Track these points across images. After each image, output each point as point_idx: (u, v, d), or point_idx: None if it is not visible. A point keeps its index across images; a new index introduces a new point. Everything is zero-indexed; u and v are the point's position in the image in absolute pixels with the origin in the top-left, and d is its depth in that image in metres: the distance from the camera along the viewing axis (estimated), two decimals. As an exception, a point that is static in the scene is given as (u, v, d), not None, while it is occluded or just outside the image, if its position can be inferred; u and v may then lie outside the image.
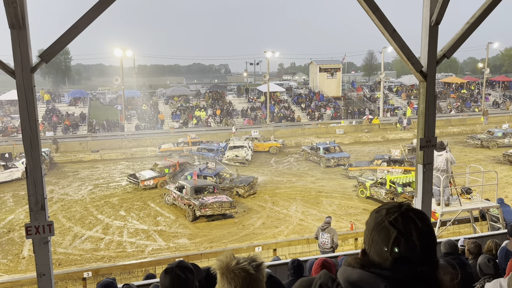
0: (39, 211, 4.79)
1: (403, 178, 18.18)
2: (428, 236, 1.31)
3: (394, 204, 1.37)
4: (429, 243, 1.30)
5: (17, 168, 23.78)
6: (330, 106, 44.02)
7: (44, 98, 40.05)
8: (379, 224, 1.32)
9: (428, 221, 1.34)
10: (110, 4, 4.84)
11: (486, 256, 4.67)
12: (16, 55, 4.57)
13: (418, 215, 1.32)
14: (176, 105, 42.00)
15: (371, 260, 1.33)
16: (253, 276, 1.71)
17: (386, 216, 1.32)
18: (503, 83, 52.82)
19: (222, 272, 1.73)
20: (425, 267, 1.28)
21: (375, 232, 1.33)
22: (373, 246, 1.33)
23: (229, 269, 1.72)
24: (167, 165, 22.69)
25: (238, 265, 1.73)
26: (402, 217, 1.31)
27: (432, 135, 5.87)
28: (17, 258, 13.85)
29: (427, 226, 1.31)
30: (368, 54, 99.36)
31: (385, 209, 1.35)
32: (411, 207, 1.36)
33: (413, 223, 1.30)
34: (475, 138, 30.65)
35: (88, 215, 17.91)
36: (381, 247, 1.30)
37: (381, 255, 1.31)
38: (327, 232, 10.88)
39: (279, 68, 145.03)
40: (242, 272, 1.71)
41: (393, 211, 1.33)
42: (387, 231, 1.30)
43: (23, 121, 4.70)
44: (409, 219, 1.30)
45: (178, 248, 14.45)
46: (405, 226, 1.29)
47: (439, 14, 5.43)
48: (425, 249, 1.29)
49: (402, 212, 1.32)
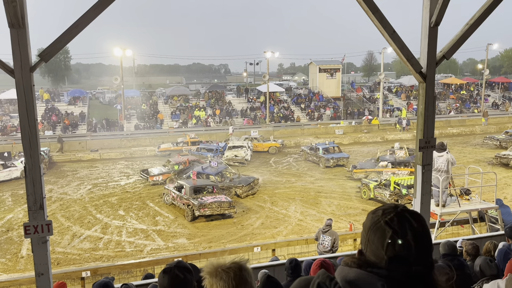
0: (37, 210, 4.78)
1: (408, 180, 17.91)
2: (423, 237, 1.32)
3: (390, 205, 1.40)
4: (424, 243, 1.32)
5: (16, 167, 23.77)
6: (329, 106, 44.04)
7: (43, 97, 40.01)
8: (375, 224, 1.35)
9: (424, 222, 1.35)
10: (111, 3, 4.83)
11: (486, 258, 4.68)
12: (15, 54, 4.56)
13: (414, 216, 1.35)
14: (176, 105, 41.98)
15: (368, 259, 1.35)
16: (240, 273, 1.79)
17: (382, 217, 1.35)
18: (503, 84, 52.85)
19: (211, 274, 1.80)
20: (420, 267, 1.30)
21: (371, 232, 1.35)
22: (369, 246, 1.35)
23: (217, 269, 1.79)
24: (179, 162, 23.06)
25: (225, 264, 1.81)
26: (397, 217, 1.33)
27: (432, 136, 5.87)
28: (16, 257, 13.84)
29: (422, 227, 1.33)
30: (368, 54, 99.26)
31: (382, 210, 1.38)
32: (407, 208, 1.38)
33: (408, 223, 1.32)
34: (493, 139, 30.41)
35: (87, 215, 17.90)
36: (377, 246, 1.33)
37: (376, 255, 1.33)
38: (328, 235, 10.83)
39: (278, 68, 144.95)
40: (229, 270, 1.78)
41: (389, 212, 1.35)
42: (383, 231, 1.32)
43: (22, 120, 4.69)
44: (404, 220, 1.33)
45: (177, 248, 14.45)
46: (400, 226, 1.31)
47: (438, 15, 5.43)
48: (420, 249, 1.30)
49: (398, 212, 1.34)
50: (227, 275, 1.78)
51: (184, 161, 23.25)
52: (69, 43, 4.92)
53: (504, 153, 24.77)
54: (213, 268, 1.81)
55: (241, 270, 1.81)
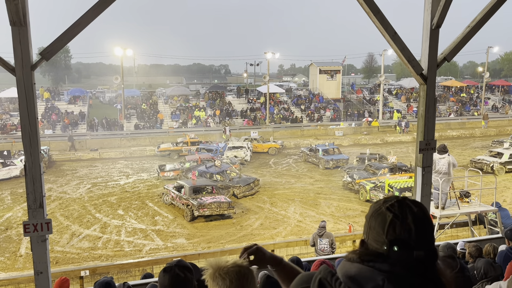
0: (37, 209, 4.78)
1: (402, 183, 18.04)
2: (423, 221, 1.34)
3: (392, 195, 1.45)
4: (425, 227, 1.33)
5: (16, 166, 23.75)
6: (329, 108, 44.06)
7: (43, 96, 39.99)
8: (377, 211, 1.38)
9: (425, 209, 1.37)
10: (112, 3, 4.84)
11: (488, 260, 4.68)
12: (16, 52, 4.56)
13: (415, 203, 1.38)
14: (176, 105, 41.98)
15: (370, 249, 1.36)
16: (243, 272, 1.77)
17: (383, 204, 1.38)
18: (503, 87, 52.89)
19: (213, 272, 1.78)
20: (421, 252, 1.30)
21: (373, 219, 1.37)
22: (370, 233, 1.37)
23: (220, 268, 1.77)
24: (192, 159, 23.90)
25: (228, 263, 1.79)
26: (398, 203, 1.36)
27: (432, 138, 5.87)
28: (14, 256, 13.82)
29: (422, 212, 1.35)
30: (368, 56, 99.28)
31: (383, 199, 1.41)
32: (409, 198, 1.41)
33: (408, 208, 1.34)
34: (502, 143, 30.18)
35: (86, 214, 17.88)
36: (377, 232, 1.34)
37: (377, 240, 1.34)
38: (325, 238, 10.79)
39: (279, 69, 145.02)
40: (232, 267, 1.77)
41: (391, 199, 1.39)
42: (384, 216, 1.34)
43: (23, 118, 4.69)
44: (405, 205, 1.35)
45: (176, 248, 14.44)
46: (401, 211, 1.34)
47: (440, 18, 5.43)
48: (421, 232, 1.32)
49: (399, 199, 1.38)
50: (229, 277, 1.76)
51: (196, 159, 23.91)
52: (70, 42, 4.92)
53: (479, 158, 24.49)
54: (213, 271, 1.78)
55: (241, 273, 1.78)
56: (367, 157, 23.58)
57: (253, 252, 1.83)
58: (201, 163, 23.01)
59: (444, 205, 11.18)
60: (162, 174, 23.04)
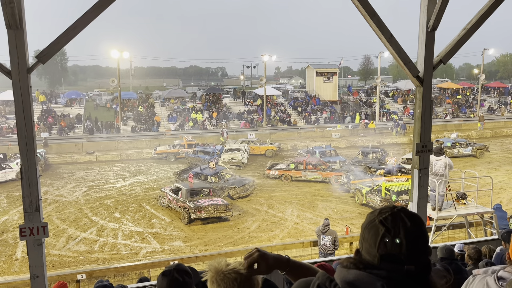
0: (33, 212, 4.75)
1: (399, 186, 17.97)
2: (416, 236, 1.34)
3: (389, 206, 1.43)
4: (417, 241, 1.33)
5: (12, 169, 23.63)
6: (326, 110, 44.13)
7: (39, 99, 39.85)
8: (371, 223, 1.38)
9: (420, 223, 1.37)
10: (109, 5, 4.83)
11: (487, 261, 4.68)
12: (12, 55, 4.54)
13: (409, 216, 1.37)
14: (173, 107, 41.94)
15: (364, 259, 1.37)
16: (244, 276, 1.73)
17: (378, 216, 1.38)
18: (498, 89, 53.17)
19: (212, 276, 1.75)
20: (412, 267, 1.30)
21: (366, 230, 1.38)
22: (364, 244, 1.38)
23: (219, 272, 1.74)
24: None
25: (229, 267, 1.75)
26: (392, 216, 1.36)
27: (428, 140, 5.89)
28: (10, 260, 13.74)
29: (416, 227, 1.35)
30: (365, 58, 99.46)
31: (379, 210, 1.41)
32: (405, 209, 1.40)
33: (402, 222, 1.34)
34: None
35: (83, 217, 17.81)
36: (370, 244, 1.35)
37: (370, 252, 1.35)
38: (329, 235, 11.02)
39: (276, 71, 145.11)
40: (232, 273, 1.73)
41: (385, 211, 1.38)
42: (376, 229, 1.35)
43: (19, 121, 4.68)
44: (398, 219, 1.35)
45: (173, 251, 14.40)
46: (393, 225, 1.33)
47: (436, 20, 5.45)
48: (412, 247, 1.32)
49: (394, 212, 1.37)
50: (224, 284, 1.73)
51: None
52: (66, 45, 4.91)
53: (407, 157, 24.06)
54: (212, 274, 1.76)
55: (237, 281, 1.74)
56: (370, 151, 24.51)
57: (255, 261, 1.72)
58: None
59: (441, 206, 11.22)
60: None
